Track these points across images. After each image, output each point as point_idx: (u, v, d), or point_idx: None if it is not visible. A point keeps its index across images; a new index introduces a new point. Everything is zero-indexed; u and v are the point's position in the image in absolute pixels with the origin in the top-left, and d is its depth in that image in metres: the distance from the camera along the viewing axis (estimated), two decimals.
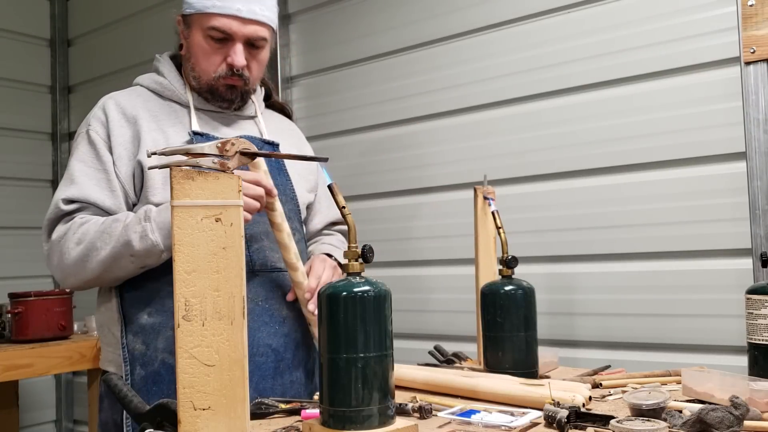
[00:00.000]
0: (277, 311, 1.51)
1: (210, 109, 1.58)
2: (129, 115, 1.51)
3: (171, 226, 0.97)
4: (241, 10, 1.48)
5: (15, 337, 2.65)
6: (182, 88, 1.57)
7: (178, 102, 1.57)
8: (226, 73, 1.52)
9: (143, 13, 3.17)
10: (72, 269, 1.41)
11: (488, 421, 1.14)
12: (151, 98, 1.56)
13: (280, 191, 1.56)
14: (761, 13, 1.65)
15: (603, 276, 1.91)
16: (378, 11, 2.38)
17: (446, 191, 2.21)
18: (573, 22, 1.96)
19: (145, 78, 1.61)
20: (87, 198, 1.44)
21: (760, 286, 1.36)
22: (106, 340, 1.51)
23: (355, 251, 1.08)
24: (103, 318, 1.52)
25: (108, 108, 1.51)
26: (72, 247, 1.40)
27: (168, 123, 1.53)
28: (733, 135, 1.71)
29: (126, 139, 1.48)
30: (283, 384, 1.49)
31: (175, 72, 1.60)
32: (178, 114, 1.55)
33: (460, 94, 2.18)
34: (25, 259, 3.40)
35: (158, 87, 1.58)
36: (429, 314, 2.25)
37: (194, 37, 1.52)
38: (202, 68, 1.53)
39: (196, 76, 1.54)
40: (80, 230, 1.40)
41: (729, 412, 1.03)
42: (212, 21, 1.48)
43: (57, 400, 3.50)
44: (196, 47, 1.52)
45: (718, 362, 1.69)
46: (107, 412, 1.49)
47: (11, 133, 3.40)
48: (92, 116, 1.52)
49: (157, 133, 1.49)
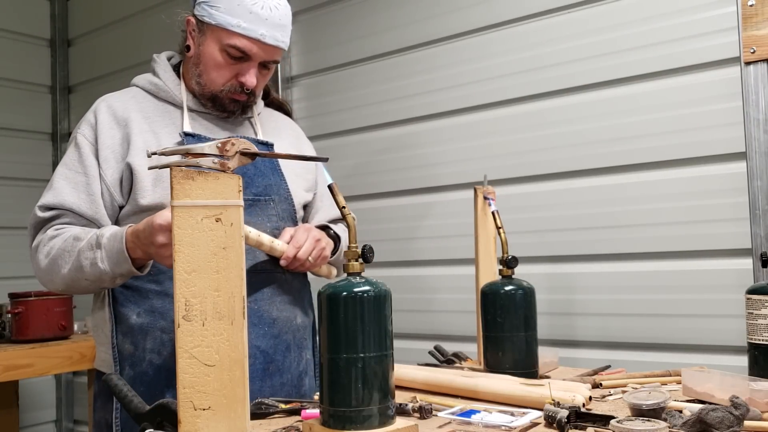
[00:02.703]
0: (266, 312, 1.50)
1: (205, 111, 1.57)
2: (120, 117, 1.50)
3: (171, 228, 0.97)
4: (265, 36, 1.47)
5: (15, 337, 2.65)
6: (177, 89, 1.56)
7: (173, 103, 1.56)
8: (235, 89, 1.52)
9: (143, 13, 3.17)
10: (44, 279, 1.46)
11: (488, 421, 1.14)
12: (145, 99, 1.55)
13: (274, 191, 1.56)
14: (761, 13, 1.65)
15: (603, 276, 1.91)
16: (378, 11, 2.38)
17: (446, 191, 2.21)
18: (573, 22, 1.96)
19: (140, 79, 1.60)
20: (63, 204, 1.44)
21: (760, 286, 1.36)
22: (99, 340, 1.52)
23: (355, 251, 1.08)
24: (96, 318, 1.53)
25: (99, 111, 1.51)
26: (41, 258, 1.43)
27: (161, 124, 1.52)
28: (733, 135, 1.71)
29: (115, 141, 1.47)
30: (272, 386, 1.48)
31: (170, 72, 1.59)
32: (172, 115, 1.54)
33: (461, 94, 2.18)
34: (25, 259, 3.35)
35: (153, 88, 1.57)
36: (429, 314, 2.24)
37: (208, 46, 1.50)
38: (210, 78, 1.51)
39: (202, 83, 1.53)
40: (50, 243, 1.42)
41: (729, 412, 1.03)
42: (234, 40, 1.46)
43: (57, 400, 3.50)
44: (209, 57, 1.50)
45: (718, 362, 1.69)
46: (100, 412, 1.50)
47: (11, 133, 3.40)
48: (84, 120, 1.52)
49: (149, 135, 1.48)
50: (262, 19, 1.46)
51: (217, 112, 1.56)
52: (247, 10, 1.44)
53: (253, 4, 1.45)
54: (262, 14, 1.45)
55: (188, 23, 1.54)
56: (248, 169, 1.52)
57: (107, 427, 1.45)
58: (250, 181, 1.52)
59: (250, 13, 1.45)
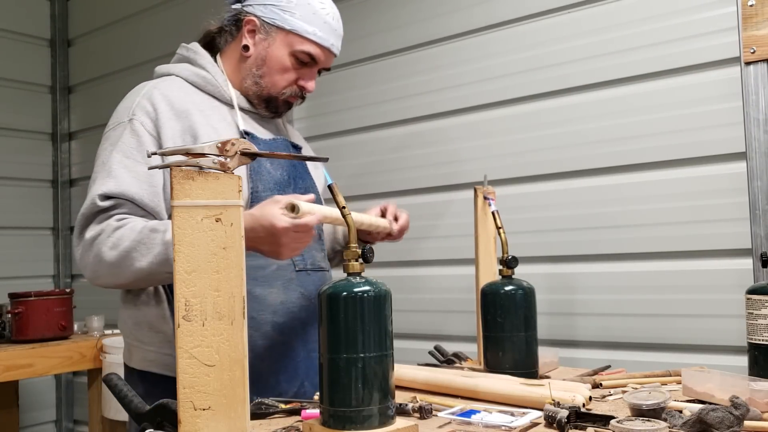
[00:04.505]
0: None
1: (247, 109, 1.56)
2: (178, 108, 1.44)
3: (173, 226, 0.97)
4: (334, 46, 1.56)
5: (15, 337, 2.66)
6: (225, 85, 1.53)
7: (219, 98, 1.53)
8: (295, 93, 1.56)
9: (143, 13, 3.17)
10: (105, 272, 1.36)
11: (488, 421, 1.14)
12: (192, 91, 1.51)
13: (312, 192, 1.56)
14: (761, 13, 1.65)
15: (603, 276, 1.91)
16: (379, 11, 2.38)
17: (446, 191, 2.21)
18: (573, 22, 1.96)
19: (182, 69, 1.54)
20: (124, 193, 1.36)
21: (760, 286, 1.36)
22: (146, 339, 1.45)
23: (355, 251, 1.08)
24: (143, 316, 1.45)
25: (155, 100, 1.44)
26: (106, 251, 1.33)
27: (215, 119, 1.48)
28: (733, 135, 1.71)
29: (175, 133, 1.42)
30: None
31: (216, 66, 1.55)
32: (220, 110, 1.51)
33: (461, 94, 2.18)
34: (25, 259, 3.40)
35: (201, 81, 1.52)
36: (429, 314, 2.25)
37: (276, 50, 1.51)
38: (273, 81, 1.53)
39: (263, 84, 1.53)
40: (115, 234, 1.33)
41: (729, 412, 1.03)
42: (307, 46, 1.51)
43: (57, 400, 3.50)
44: (275, 60, 1.51)
45: (718, 362, 1.69)
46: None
47: (11, 133, 3.40)
48: (137, 106, 1.43)
49: (209, 128, 1.45)
50: (333, 29, 1.54)
51: (266, 113, 1.58)
52: (321, 20, 1.52)
53: (326, 14, 1.53)
54: (333, 25, 1.54)
55: (249, 23, 1.53)
56: (289, 171, 1.55)
57: None
58: (293, 182, 1.55)
59: (325, 23, 1.53)
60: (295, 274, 1.50)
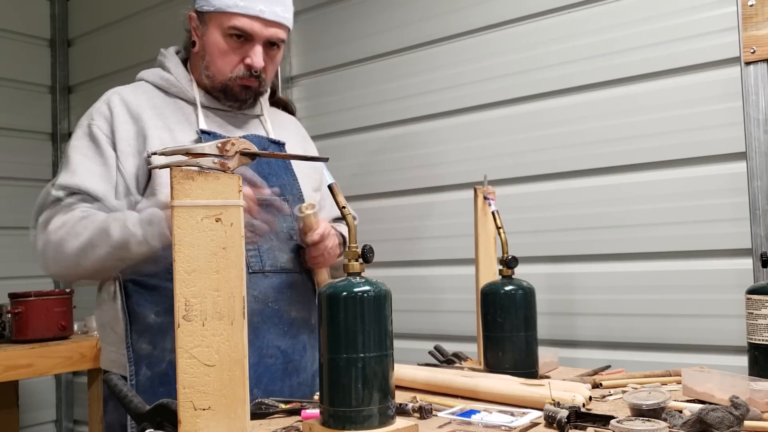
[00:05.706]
0: (286, 313, 1.50)
1: (217, 107, 1.57)
2: (133, 111, 1.48)
3: (171, 226, 0.97)
4: (264, 12, 1.47)
5: (15, 337, 2.65)
6: (189, 85, 1.55)
7: (184, 99, 1.55)
8: (244, 74, 1.51)
9: (143, 13, 3.17)
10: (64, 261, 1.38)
11: (488, 421, 1.14)
12: (156, 95, 1.54)
13: (287, 190, 1.56)
14: (761, 13, 1.65)
15: (603, 276, 1.91)
16: (378, 11, 2.38)
17: (446, 191, 2.21)
18: (573, 22, 1.96)
19: (149, 73, 1.58)
20: (81, 186, 1.41)
21: (760, 286, 1.36)
22: (108, 339, 1.49)
23: (355, 251, 1.08)
24: (105, 316, 1.49)
25: (112, 103, 1.49)
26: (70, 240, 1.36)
27: (174, 120, 1.50)
28: (733, 135, 1.71)
29: (130, 135, 1.46)
30: (291, 386, 1.48)
31: (181, 68, 1.57)
32: (185, 111, 1.53)
33: (461, 94, 2.18)
34: (25, 259, 3.38)
35: (164, 83, 1.55)
36: (429, 314, 2.24)
37: (211, 35, 1.49)
38: (218, 68, 1.51)
39: (211, 75, 1.52)
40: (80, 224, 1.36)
41: (729, 412, 1.03)
42: (233, 21, 1.46)
43: (57, 400, 3.50)
44: (213, 46, 1.50)
45: (718, 362, 1.69)
46: (113, 414, 1.47)
47: (11, 133, 3.40)
48: (95, 110, 1.50)
49: (163, 131, 1.47)
50: None
51: (230, 103, 1.55)
52: None
53: None
54: None
55: (190, 19, 1.54)
56: (263, 168, 1.52)
57: (121, 428, 1.42)
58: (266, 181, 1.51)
59: None
60: (248, 276, 1.45)
